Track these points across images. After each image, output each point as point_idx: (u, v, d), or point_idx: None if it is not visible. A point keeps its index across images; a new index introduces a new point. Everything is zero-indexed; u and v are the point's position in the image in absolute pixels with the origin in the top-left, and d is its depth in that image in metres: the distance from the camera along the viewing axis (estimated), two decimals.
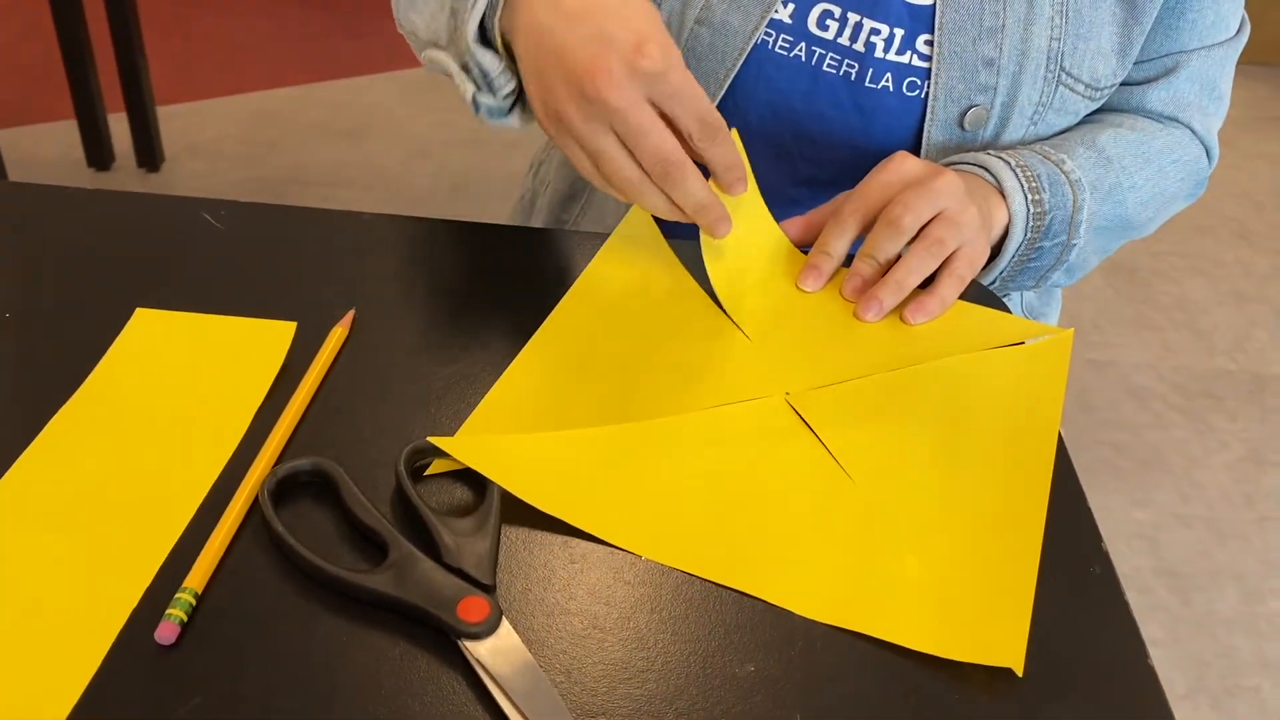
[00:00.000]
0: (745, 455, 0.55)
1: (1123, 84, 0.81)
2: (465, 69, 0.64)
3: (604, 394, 0.58)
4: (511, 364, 0.59)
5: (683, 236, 0.70)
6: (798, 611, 0.48)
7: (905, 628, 0.47)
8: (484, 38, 0.63)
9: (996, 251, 0.72)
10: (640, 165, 0.59)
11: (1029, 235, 0.71)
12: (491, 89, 0.64)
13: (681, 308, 0.65)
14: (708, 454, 0.55)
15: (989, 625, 0.47)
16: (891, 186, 0.66)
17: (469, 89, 0.64)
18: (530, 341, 0.61)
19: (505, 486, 0.51)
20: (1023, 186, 0.70)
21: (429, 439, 0.53)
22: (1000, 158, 0.72)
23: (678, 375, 0.60)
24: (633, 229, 0.69)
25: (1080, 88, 0.77)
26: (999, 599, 0.49)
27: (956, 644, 0.46)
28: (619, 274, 0.67)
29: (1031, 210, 0.70)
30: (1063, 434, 0.59)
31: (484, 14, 0.61)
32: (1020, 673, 0.45)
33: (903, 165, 0.67)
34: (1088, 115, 0.81)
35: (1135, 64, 0.80)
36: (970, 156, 0.73)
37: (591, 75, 0.56)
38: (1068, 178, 0.72)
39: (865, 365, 0.61)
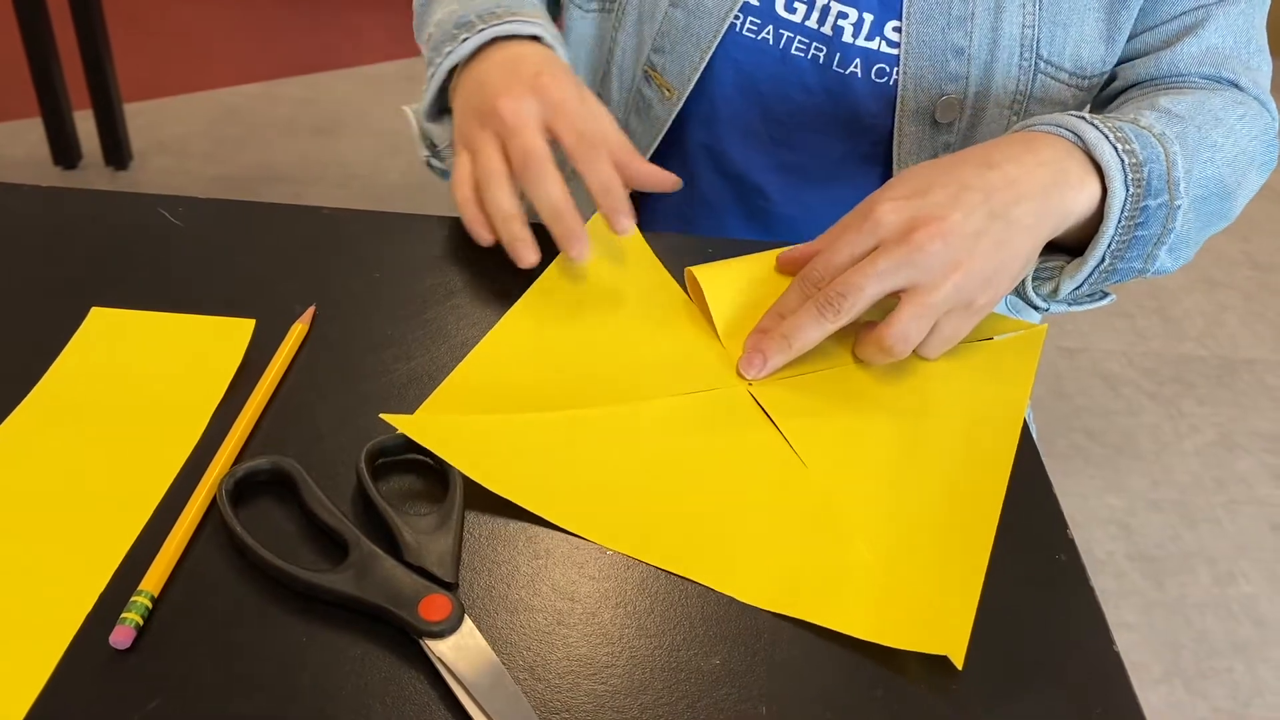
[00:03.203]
0: (704, 444, 0.55)
1: (1147, 53, 0.76)
2: (423, 134, 0.73)
3: (567, 380, 0.58)
4: (476, 347, 0.59)
5: (658, 230, 0.70)
6: (742, 599, 0.48)
7: (848, 616, 0.47)
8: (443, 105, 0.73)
9: (1083, 239, 0.63)
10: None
11: (1131, 191, 0.60)
12: (440, 157, 0.72)
13: (651, 298, 0.65)
14: (666, 442, 0.55)
15: (933, 616, 0.47)
16: (864, 247, 0.58)
17: (424, 153, 0.73)
18: (496, 326, 0.61)
19: (459, 468, 0.51)
20: (1108, 137, 0.61)
21: (382, 415, 0.52)
22: (1072, 113, 0.64)
23: (642, 364, 0.60)
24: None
25: (1064, 76, 0.75)
26: (946, 590, 0.48)
27: (898, 633, 0.46)
28: (590, 263, 0.66)
29: (1126, 161, 0.60)
30: (1036, 421, 0.59)
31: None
32: (960, 664, 0.45)
33: (879, 222, 0.58)
34: (1133, 92, 0.75)
35: (1152, 29, 0.75)
36: (1039, 119, 0.64)
37: (498, 94, 0.65)
38: (1150, 131, 0.63)
39: (830, 358, 0.61)
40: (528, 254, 0.63)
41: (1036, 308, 0.66)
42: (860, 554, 0.50)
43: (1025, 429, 0.58)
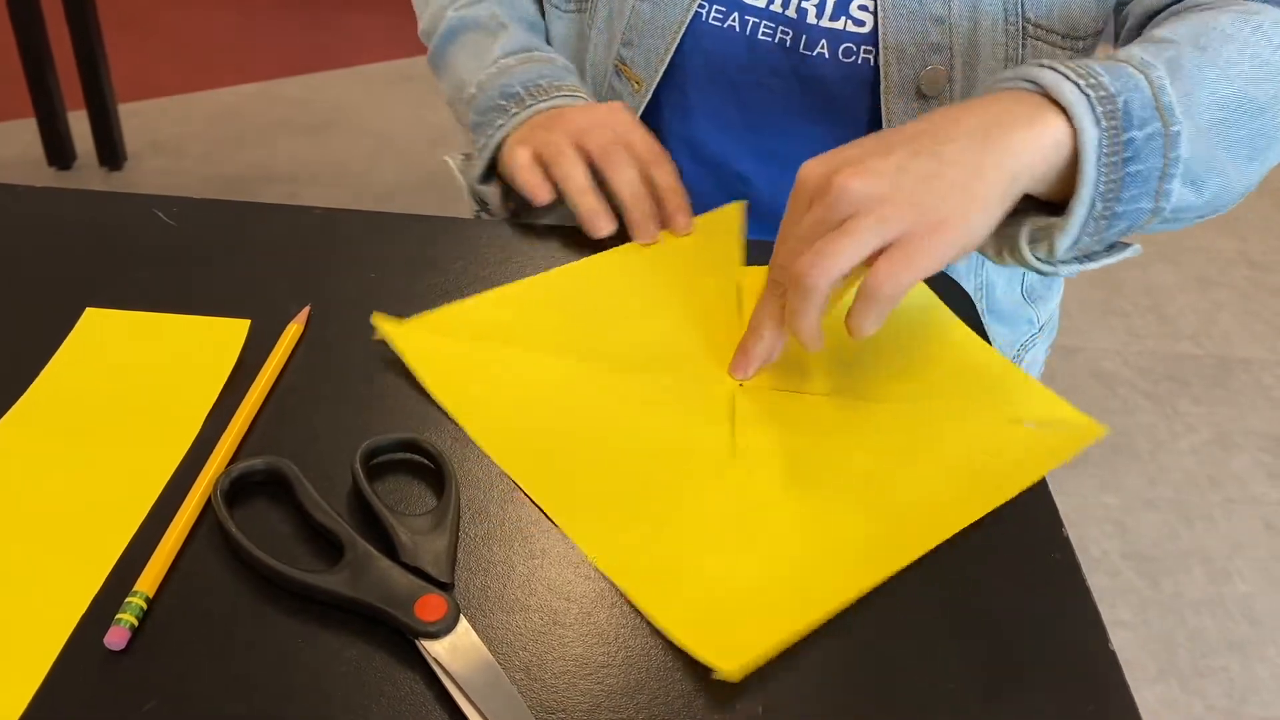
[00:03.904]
0: (658, 425, 0.56)
1: None
2: (471, 190, 0.78)
3: (568, 333, 0.61)
4: (498, 288, 0.63)
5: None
6: (591, 557, 0.49)
7: (661, 604, 0.47)
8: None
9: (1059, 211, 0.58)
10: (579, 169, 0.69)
11: (1105, 125, 0.55)
12: (490, 212, 0.77)
13: (700, 285, 0.65)
14: (626, 415, 0.56)
15: (733, 628, 0.46)
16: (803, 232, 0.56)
17: (474, 207, 0.79)
18: (535, 277, 0.64)
19: (425, 384, 0.55)
20: (1069, 76, 0.56)
21: (374, 317, 0.57)
22: (1035, 63, 0.59)
23: (649, 339, 0.61)
24: (720, 219, 0.71)
25: (1055, 39, 0.73)
26: (771, 613, 0.47)
27: (687, 628, 0.46)
28: (665, 247, 0.68)
29: (1092, 96, 0.55)
30: None
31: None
32: (727, 674, 0.43)
33: (803, 183, 0.56)
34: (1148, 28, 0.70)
35: None
36: (997, 77, 0.61)
37: (569, 111, 0.72)
38: (1128, 63, 0.58)
39: (833, 381, 0.59)
40: (606, 224, 0.68)
41: (1042, 272, 0.61)
42: (710, 557, 0.49)
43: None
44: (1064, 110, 0.56)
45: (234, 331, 0.59)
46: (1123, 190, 0.57)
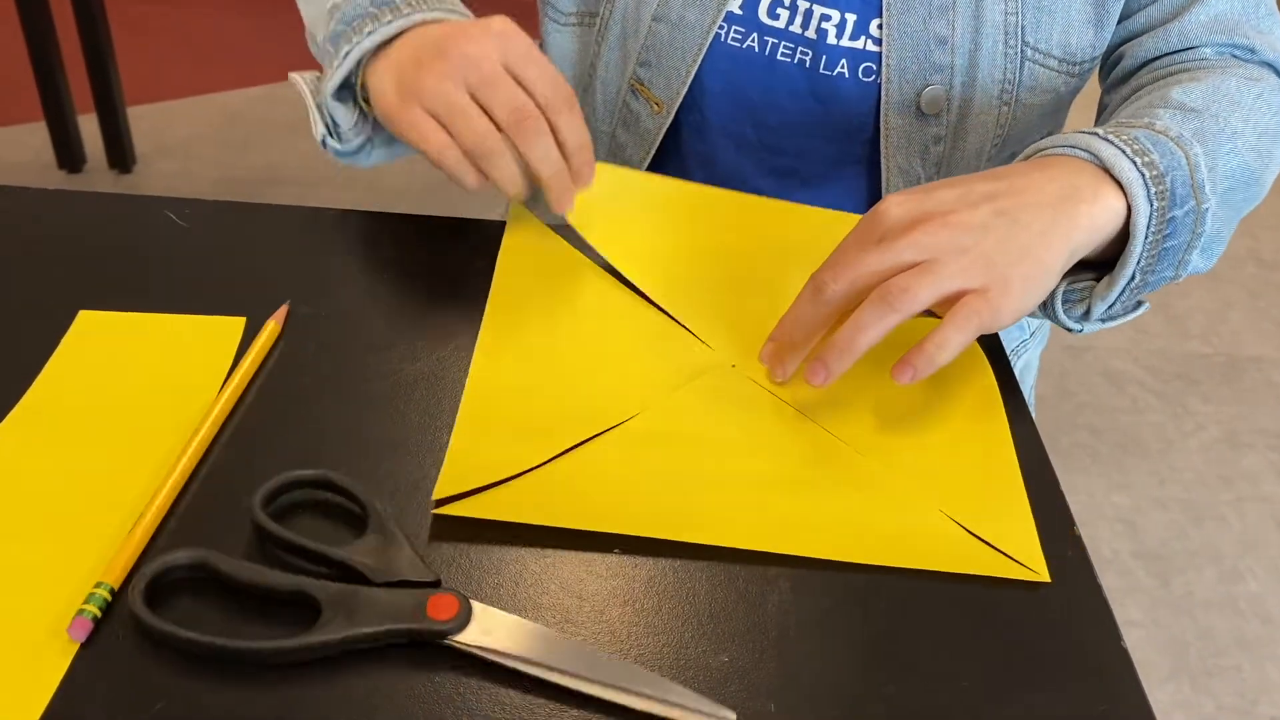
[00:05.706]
0: (730, 425, 0.56)
1: (1154, 26, 0.74)
2: (320, 109, 0.67)
3: (564, 411, 0.56)
4: (462, 402, 0.55)
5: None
6: (844, 558, 0.50)
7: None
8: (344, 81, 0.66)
9: (1113, 256, 0.60)
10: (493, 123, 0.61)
11: (1155, 205, 0.58)
12: (339, 138, 0.68)
13: (594, 295, 0.64)
14: (696, 432, 0.56)
15: (1002, 538, 0.52)
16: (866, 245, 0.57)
17: (319, 130, 0.67)
18: (471, 374, 0.57)
19: (534, 521, 0.49)
20: (1124, 151, 0.58)
21: (435, 509, 0.49)
22: (1084, 131, 0.61)
23: (626, 370, 0.59)
24: (518, 232, 0.68)
25: (1052, 63, 0.74)
26: (1000, 514, 0.53)
27: (980, 559, 0.51)
28: (527, 279, 0.65)
29: (1147, 175, 0.58)
30: (1040, 420, 0.58)
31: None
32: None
33: (885, 215, 0.57)
34: (1144, 75, 0.74)
35: (1155, 1, 0.74)
36: (1051, 140, 0.62)
37: (451, 37, 0.61)
38: (1166, 135, 0.60)
39: (817, 406, 0.58)
40: (570, 200, 0.64)
41: (1070, 329, 0.63)
42: (922, 495, 0.53)
43: (1034, 425, 0.58)
44: (1119, 184, 0.58)
45: (230, 330, 0.59)
46: (1158, 263, 0.60)
